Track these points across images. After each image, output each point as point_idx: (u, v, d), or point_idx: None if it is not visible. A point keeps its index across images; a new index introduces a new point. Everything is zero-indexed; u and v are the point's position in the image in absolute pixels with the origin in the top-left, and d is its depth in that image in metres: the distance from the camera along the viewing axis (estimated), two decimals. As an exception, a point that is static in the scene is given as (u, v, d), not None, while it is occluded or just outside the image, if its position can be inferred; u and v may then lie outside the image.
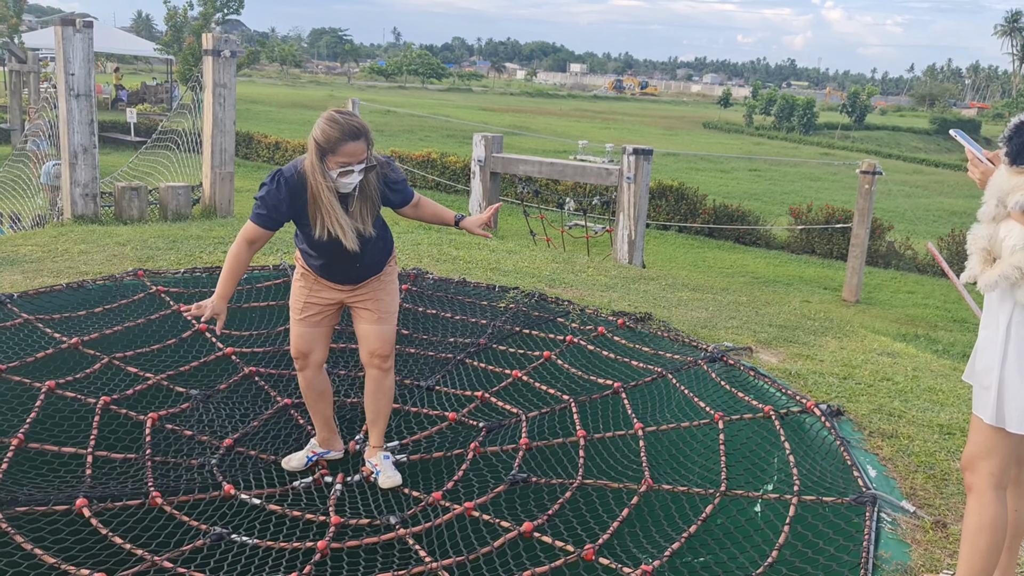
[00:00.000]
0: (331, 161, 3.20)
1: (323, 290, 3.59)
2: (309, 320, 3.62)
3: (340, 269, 3.50)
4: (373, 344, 3.64)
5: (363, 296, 3.60)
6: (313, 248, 3.44)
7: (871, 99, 68.81)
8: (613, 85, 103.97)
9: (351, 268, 3.50)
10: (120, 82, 34.76)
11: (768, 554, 3.15)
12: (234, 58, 8.85)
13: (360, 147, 3.22)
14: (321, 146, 3.18)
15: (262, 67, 79.74)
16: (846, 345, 5.50)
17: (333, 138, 3.17)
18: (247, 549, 3.18)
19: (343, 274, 3.53)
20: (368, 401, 3.79)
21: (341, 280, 3.56)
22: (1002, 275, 2.49)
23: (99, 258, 6.04)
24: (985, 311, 2.65)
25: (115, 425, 3.98)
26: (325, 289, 3.59)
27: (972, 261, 2.63)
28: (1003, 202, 2.52)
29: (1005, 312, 2.54)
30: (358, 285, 3.59)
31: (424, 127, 36.07)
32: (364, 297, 3.61)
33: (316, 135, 3.20)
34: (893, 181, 27.61)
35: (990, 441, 2.60)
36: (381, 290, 3.63)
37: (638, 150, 9.47)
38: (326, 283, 3.57)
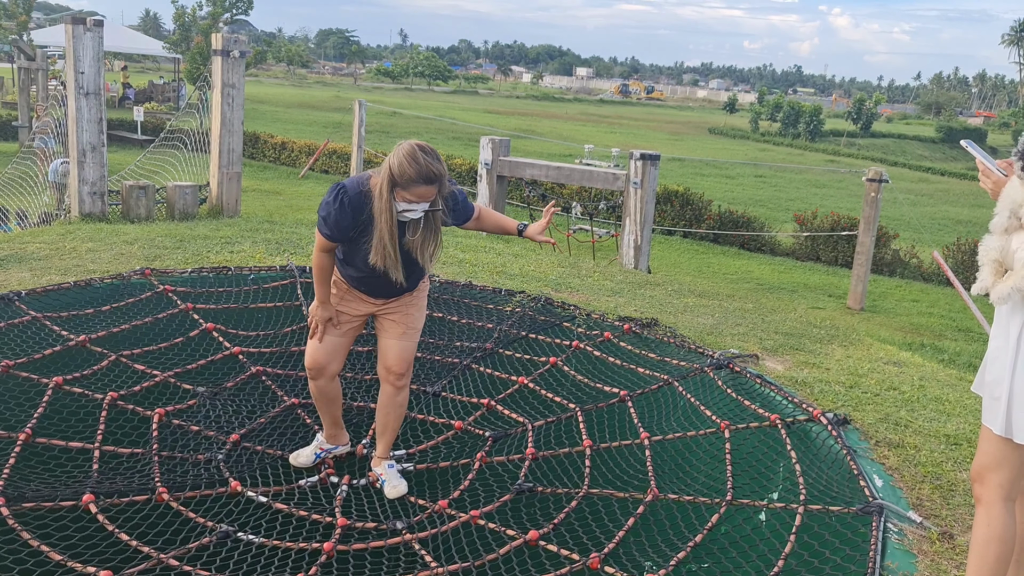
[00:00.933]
0: (399, 194, 3.18)
1: (354, 301, 3.58)
2: (334, 329, 3.61)
3: (379, 284, 3.48)
4: (391, 360, 3.62)
5: (393, 309, 3.59)
6: (357, 261, 3.42)
7: (877, 107, 68.77)
8: (619, 89, 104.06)
9: (391, 285, 3.46)
10: (127, 80, 34.83)
11: (774, 563, 3.14)
12: (243, 58, 8.86)
13: (431, 191, 3.20)
14: (394, 178, 3.16)
15: (269, 67, 79.94)
16: (852, 353, 5.49)
17: (408, 176, 3.14)
18: (253, 548, 3.19)
19: (380, 289, 3.51)
20: (379, 412, 3.78)
21: (376, 294, 3.55)
22: (1015, 287, 2.48)
23: (106, 256, 6.05)
24: (996, 322, 2.64)
25: (122, 420, 3.99)
26: (356, 300, 3.58)
27: (983, 273, 2.62)
28: (1016, 214, 2.52)
29: (1016, 323, 2.53)
30: (390, 299, 3.58)
31: (430, 129, 36.11)
32: (394, 310, 3.59)
33: (393, 166, 3.15)
34: (899, 189, 27.59)
35: (1000, 453, 2.59)
36: (412, 304, 3.62)
37: (645, 155, 9.47)
38: (359, 294, 3.56)
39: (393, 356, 3.62)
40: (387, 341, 3.62)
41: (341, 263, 3.52)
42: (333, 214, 3.26)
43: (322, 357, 3.63)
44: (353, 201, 3.23)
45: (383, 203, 3.18)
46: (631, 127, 51.71)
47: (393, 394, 3.69)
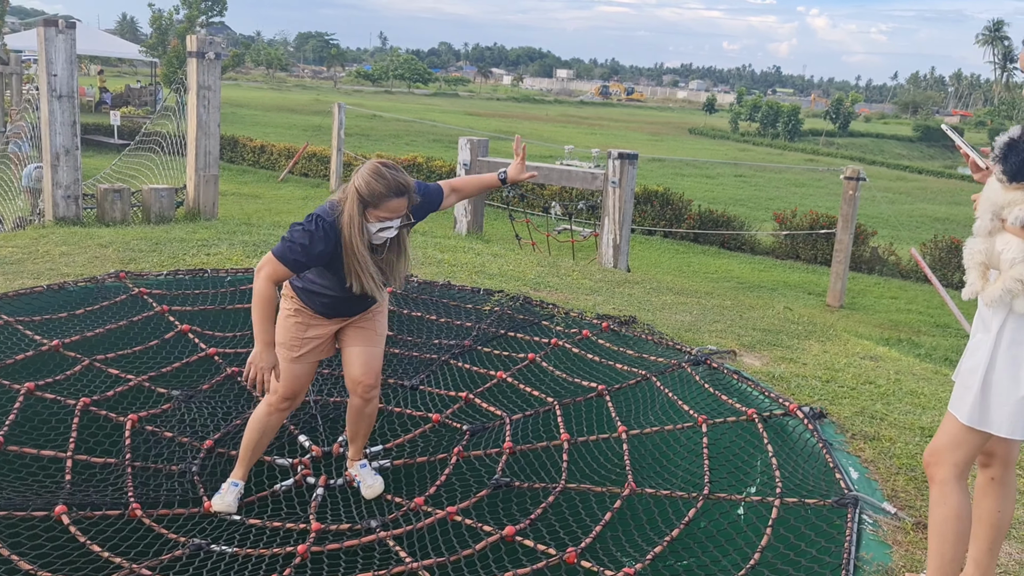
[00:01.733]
0: (371, 215, 3.13)
1: (320, 323, 3.47)
2: (308, 356, 3.47)
3: (347, 306, 3.43)
4: (358, 371, 3.52)
5: (360, 319, 3.53)
6: (331, 287, 3.32)
7: (855, 106, 69.34)
8: (599, 91, 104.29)
9: (358, 304, 3.43)
10: (104, 84, 34.54)
11: (751, 556, 3.15)
12: (219, 60, 8.81)
13: (403, 203, 3.15)
14: (364, 199, 3.09)
15: (247, 70, 79.49)
16: (829, 349, 5.52)
17: (378, 193, 3.09)
18: (226, 556, 3.16)
19: (348, 309, 3.46)
20: (349, 421, 3.74)
21: (344, 314, 3.48)
22: (1006, 289, 2.51)
23: (81, 260, 5.99)
24: (978, 315, 2.68)
25: (95, 428, 3.95)
26: (323, 322, 3.47)
27: (971, 276, 2.64)
28: (998, 216, 2.55)
29: (998, 318, 2.57)
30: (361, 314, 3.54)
31: (410, 132, 36.04)
32: (361, 320, 3.53)
33: (360, 187, 3.09)
34: (877, 187, 27.81)
35: (960, 437, 2.65)
36: (379, 311, 3.58)
37: (623, 154, 9.49)
38: (323, 319, 3.47)
39: (360, 366, 3.50)
40: (353, 349, 3.51)
41: (305, 292, 3.38)
42: (314, 242, 3.12)
43: (297, 385, 3.49)
44: (330, 229, 3.14)
45: (355, 228, 3.11)
46: (611, 128, 51.84)
47: (362, 406, 3.60)
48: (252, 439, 3.54)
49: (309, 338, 3.45)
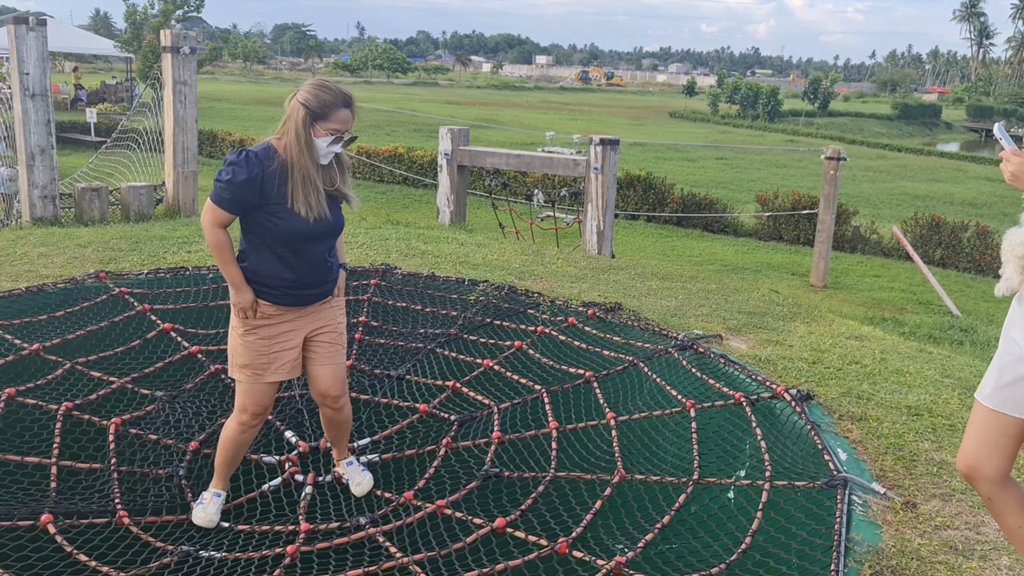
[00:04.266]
0: (321, 128, 3.05)
1: (284, 331, 3.28)
2: (276, 375, 3.29)
3: (311, 274, 3.23)
4: (324, 386, 3.42)
5: (323, 324, 3.37)
6: (278, 249, 3.16)
7: (834, 86, 69.51)
8: (579, 76, 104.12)
9: (323, 267, 3.25)
10: (79, 82, 34.12)
11: (742, 540, 3.15)
12: (194, 54, 8.71)
13: (350, 115, 3.10)
14: (313, 111, 3.02)
15: (225, 64, 78.78)
16: (815, 330, 5.54)
17: (328, 102, 3.03)
18: (215, 562, 3.13)
19: (309, 281, 3.24)
20: (326, 430, 3.68)
21: (306, 298, 3.27)
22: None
23: (59, 261, 5.92)
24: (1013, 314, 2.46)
25: (78, 433, 3.90)
26: (286, 329, 3.28)
27: (1009, 271, 2.40)
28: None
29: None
30: (321, 306, 3.36)
31: (390, 122, 35.84)
32: (324, 325, 3.38)
33: (307, 101, 3.01)
34: (857, 167, 27.93)
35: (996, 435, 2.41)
36: (338, 309, 3.46)
37: (605, 140, 9.47)
38: (287, 314, 3.26)
39: (325, 380, 3.41)
40: (319, 368, 3.40)
41: (259, 276, 3.19)
42: (233, 172, 3.01)
43: (267, 400, 3.35)
44: (261, 158, 3.04)
45: (303, 146, 3.02)
46: (592, 113, 51.78)
47: (333, 415, 3.54)
48: (227, 457, 3.43)
49: (276, 353, 3.27)
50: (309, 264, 3.21)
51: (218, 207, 3.06)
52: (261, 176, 3.03)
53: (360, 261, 6.34)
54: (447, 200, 10.99)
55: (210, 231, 3.12)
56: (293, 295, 3.23)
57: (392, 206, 18.40)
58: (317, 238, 3.18)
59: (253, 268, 3.20)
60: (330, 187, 3.19)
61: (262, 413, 3.36)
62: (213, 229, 3.11)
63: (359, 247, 6.89)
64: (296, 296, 3.24)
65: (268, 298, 3.22)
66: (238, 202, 3.05)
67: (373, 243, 7.06)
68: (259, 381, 3.27)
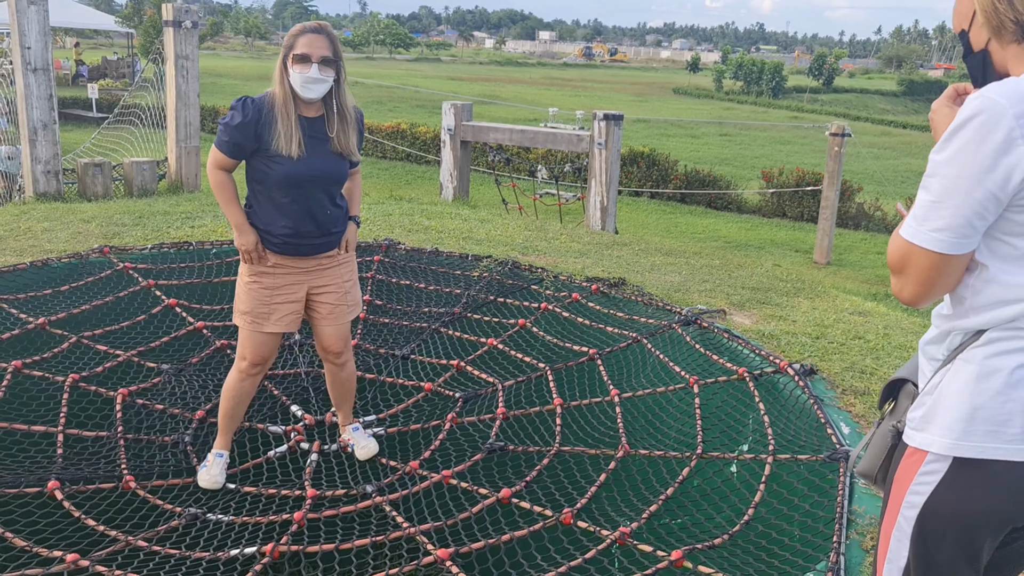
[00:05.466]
0: (292, 59, 3.12)
1: (286, 282, 3.33)
2: (276, 325, 3.34)
3: (311, 222, 3.24)
4: (327, 341, 3.51)
5: (326, 283, 3.42)
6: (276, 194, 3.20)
7: (839, 62, 69.04)
8: (583, 52, 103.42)
9: (322, 216, 3.26)
10: (80, 57, 33.98)
11: (744, 512, 3.18)
12: (196, 29, 8.66)
13: (320, 40, 3.14)
14: (285, 48, 3.16)
15: (226, 39, 78.36)
16: (818, 305, 5.54)
17: (293, 34, 3.18)
18: (223, 525, 3.16)
19: (313, 228, 3.26)
20: (330, 390, 3.75)
21: (310, 246, 3.30)
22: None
23: (63, 236, 5.93)
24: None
25: (85, 403, 3.93)
26: (289, 280, 3.33)
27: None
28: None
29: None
30: (325, 260, 3.39)
31: (393, 98, 35.69)
32: (327, 283, 3.41)
33: (282, 43, 3.21)
34: (862, 143, 27.79)
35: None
36: (347, 268, 3.48)
37: (608, 115, 9.43)
38: (289, 265, 3.31)
39: (329, 338, 3.50)
40: (322, 326, 3.47)
41: (261, 223, 3.25)
42: (230, 116, 3.15)
43: (267, 351, 3.40)
44: (257, 102, 3.16)
45: (278, 80, 3.14)
46: (596, 90, 51.49)
47: (337, 371, 3.62)
48: (228, 407, 3.50)
49: (277, 304, 3.33)
50: (308, 212, 3.25)
51: (218, 150, 3.20)
52: (257, 119, 3.14)
53: (364, 237, 6.34)
54: (450, 176, 10.97)
55: (212, 172, 3.25)
56: (293, 244, 3.28)
57: (395, 182, 18.36)
58: (313, 183, 3.22)
59: (255, 216, 3.28)
60: (329, 134, 3.24)
61: (261, 363, 3.42)
62: (215, 171, 3.24)
63: (363, 223, 6.89)
64: (296, 245, 3.29)
65: (269, 247, 3.29)
66: (236, 145, 3.16)
67: (376, 219, 7.06)
68: (258, 330, 3.34)
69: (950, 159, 1.58)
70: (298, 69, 3.11)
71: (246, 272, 3.34)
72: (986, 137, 1.53)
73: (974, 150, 1.54)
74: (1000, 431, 1.63)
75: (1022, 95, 1.53)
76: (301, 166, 3.16)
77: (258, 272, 3.31)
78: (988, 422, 1.63)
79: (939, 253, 1.61)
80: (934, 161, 1.62)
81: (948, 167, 1.58)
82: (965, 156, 1.55)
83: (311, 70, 3.11)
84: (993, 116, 1.52)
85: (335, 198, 3.33)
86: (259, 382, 3.53)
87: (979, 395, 1.65)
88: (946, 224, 1.59)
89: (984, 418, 1.64)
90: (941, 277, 1.65)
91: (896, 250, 1.70)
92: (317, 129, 3.23)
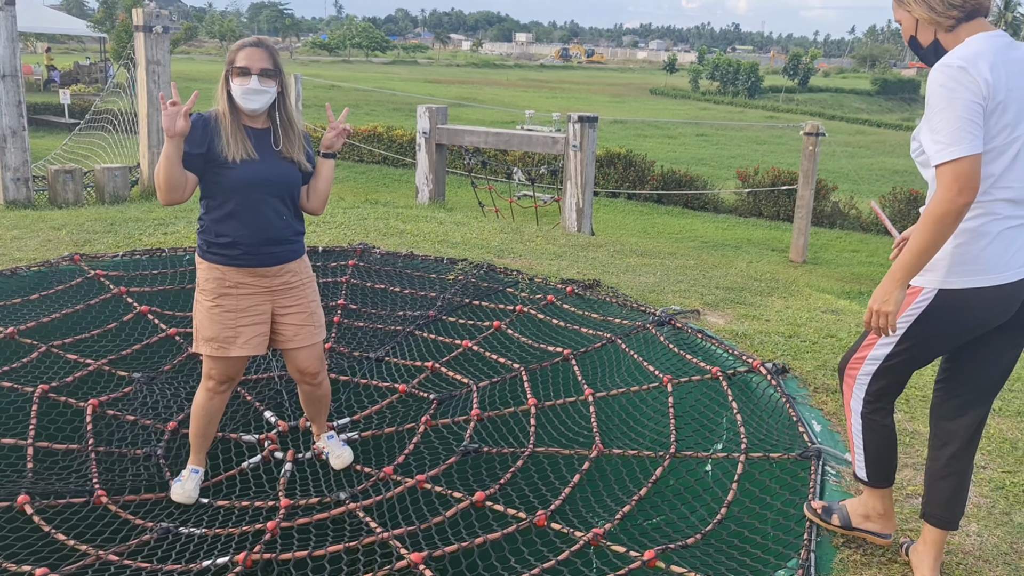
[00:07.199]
0: (233, 72, 3.16)
1: (251, 306, 3.27)
2: (243, 349, 3.27)
3: (266, 230, 3.21)
4: (302, 364, 3.44)
5: (291, 303, 3.37)
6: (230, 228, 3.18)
7: (814, 62, 69.58)
8: (559, 54, 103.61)
9: (279, 224, 3.23)
10: (52, 62, 33.60)
11: (718, 511, 3.20)
12: (167, 34, 8.60)
13: (259, 53, 3.17)
14: (226, 64, 3.19)
15: (201, 43, 77.78)
16: (791, 304, 5.58)
17: (234, 48, 3.22)
18: (195, 538, 3.14)
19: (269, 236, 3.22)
20: (305, 407, 3.71)
21: (267, 256, 3.24)
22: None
23: (33, 244, 5.86)
24: None
25: (55, 414, 3.89)
26: (253, 304, 3.27)
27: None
28: None
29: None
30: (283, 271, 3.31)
31: (370, 101, 35.59)
32: (292, 304, 3.36)
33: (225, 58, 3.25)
34: (836, 142, 28.05)
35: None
36: (310, 288, 3.43)
37: (583, 118, 9.45)
38: (252, 285, 3.25)
39: (303, 360, 3.43)
40: (293, 348, 3.40)
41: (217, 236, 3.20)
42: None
43: (233, 371, 3.36)
44: (204, 116, 3.20)
45: (220, 91, 3.18)
46: (573, 91, 51.61)
47: (312, 391, 3.57)
48: (200, 426, 3.45)
49: (243, 327, 3.26)
50: (263, 218, 3.22)
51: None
52: (203, 127, 3.17)
53: (338, 241, 6.32)
54: (426, 179, 10.96)
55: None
56: (252, 254, 3.23)
57: (371, 185, 18.32)
58: (266, 187, 3.21)
59: (209, 229, 3.23)
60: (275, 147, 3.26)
61: (228, 382, 3.38)
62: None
63: (337, 227, 6.87)
64: (255, 256, 3.24)
65: (229, 262, 3.23)
66: (185, 154, 3.12)
67: (351, 223, 7.04)
68: (225, 355, 3.28)
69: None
70: (238, 82, 3.14)
71: (205, 298, 3.27)
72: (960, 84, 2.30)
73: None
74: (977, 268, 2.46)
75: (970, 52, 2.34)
76: (253, 170, 3.17)
77: (220, 295, 3.24)
78: (972, 263, 2.45)
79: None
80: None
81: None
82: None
83: (251, 82, 3.13)
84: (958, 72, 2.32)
85: (288, 204, 3.30)
86: (229, 397, 3.48)
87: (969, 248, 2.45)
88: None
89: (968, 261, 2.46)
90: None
91: (949, 174, 2.33)
92: (264, 140, 3.24)
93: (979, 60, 2.31)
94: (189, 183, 3.16)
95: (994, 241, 2.43)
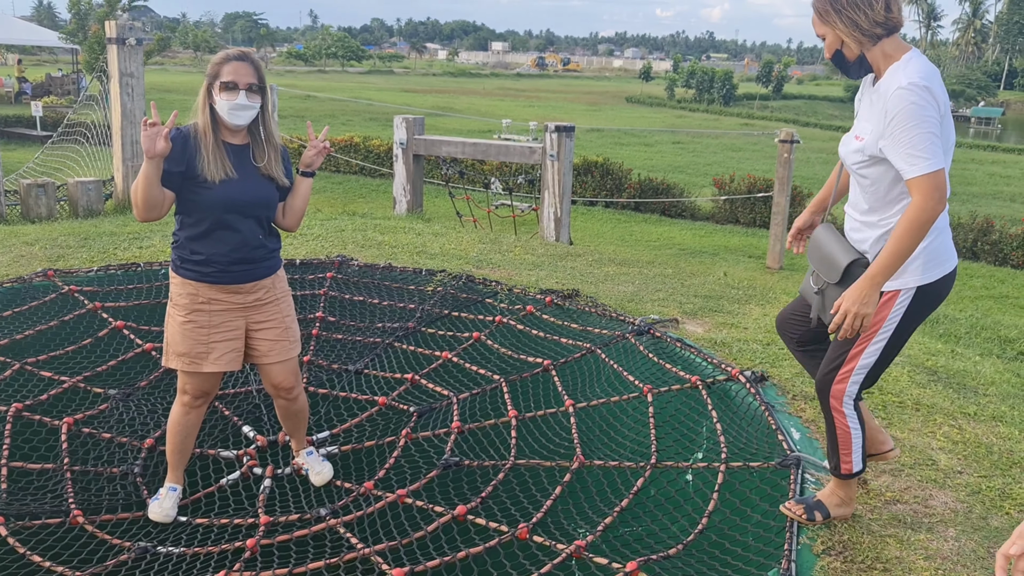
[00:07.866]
0: (216, 87, 3.10)
1: (224, 322, 3.24)
2: (217, 364, 3.24)
3: (242, 248, 3.18)
4: (277, 379, 3.41)
5: (265, 319, 3.33)
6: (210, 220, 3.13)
7: (788, 69, 70.29)
8: (536, 63, 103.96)
9: (254, 242, 3.20)
10: (23, 74, 33.26)
11: (699, 521, 3.21)
12: (140, 46, 8.54)
13: (245, 67, 3.11)
14: (208, 76, 3.12)
15: (175, 54, 77.35)
16: (769, 312, 5.62)
17: (217, 61, 3.14)
18: (174, 557, 3.10)
19: (244, 254, 3.19)
20: (282, 422, 3.67)
21: (241, 272, 3.21)
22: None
23: (5, 259, 5.79)
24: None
25: (29, 433, 3.83)
26: (226, 320, 3.24)
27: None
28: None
29: None
30: (257, 287, 3.27)
31: (346, 111, 35.50)
32: (266, 319, 3.33)
33: (206, 72, 3.16)
34: (811, 149, 28.29)
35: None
36: (285, 304, 3.40)
37: (560, 127, 9.48)
38: (225, 301, 3.22)
39: (278, 375, 3.40)
40: (268, 364, 3.37)
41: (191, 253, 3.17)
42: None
43: (208, 386, 3.33)
44: (183, 131, 3.13)
45: (201, 107, 3.11)
46: (549, 100, 51.77)
47: (289, 405, 3.54)
48: (176, 442, 3.40)
49: (216, 343, 3.23)
50: (239, 237, 3.19)
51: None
52: (183, 145, 3.10)
53: (316, 253, 6.29)
54: (403, 190, 10.94)
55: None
56: (226, 271, 3.20)
57: (348, 196, 18.25)
58: (244, 207, 3.17)
59: (184, 245, 3.20)
60: (256, 163, 3.21)
61: (203, 396, 3.35)
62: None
63: (314, 239, 6.84)
64: (230, 273, 3.21)
65: (201, 278, 3.20)
66: (164, 172, 3.07)
67: (329, 234, 7.01)
68: (197, 371, 3.25)
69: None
70: (225, 97, 3.09)
71: (178, 312, 3.23)
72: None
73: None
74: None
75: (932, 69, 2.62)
76: (231, 191, 3.12)
77: (193, 311, 3.21)
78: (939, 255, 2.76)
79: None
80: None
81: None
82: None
83: (239, 97, 3.09)
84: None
85: (264, 224, 3.27)
86: (205, 412, 3.45)
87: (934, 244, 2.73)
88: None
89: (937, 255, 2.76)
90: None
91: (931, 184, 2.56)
92: (243, 156, 3.20)
93: (933, 80, 2.57)
94: (167, 200, 3.11)
95: (944, 231, 2.76)
